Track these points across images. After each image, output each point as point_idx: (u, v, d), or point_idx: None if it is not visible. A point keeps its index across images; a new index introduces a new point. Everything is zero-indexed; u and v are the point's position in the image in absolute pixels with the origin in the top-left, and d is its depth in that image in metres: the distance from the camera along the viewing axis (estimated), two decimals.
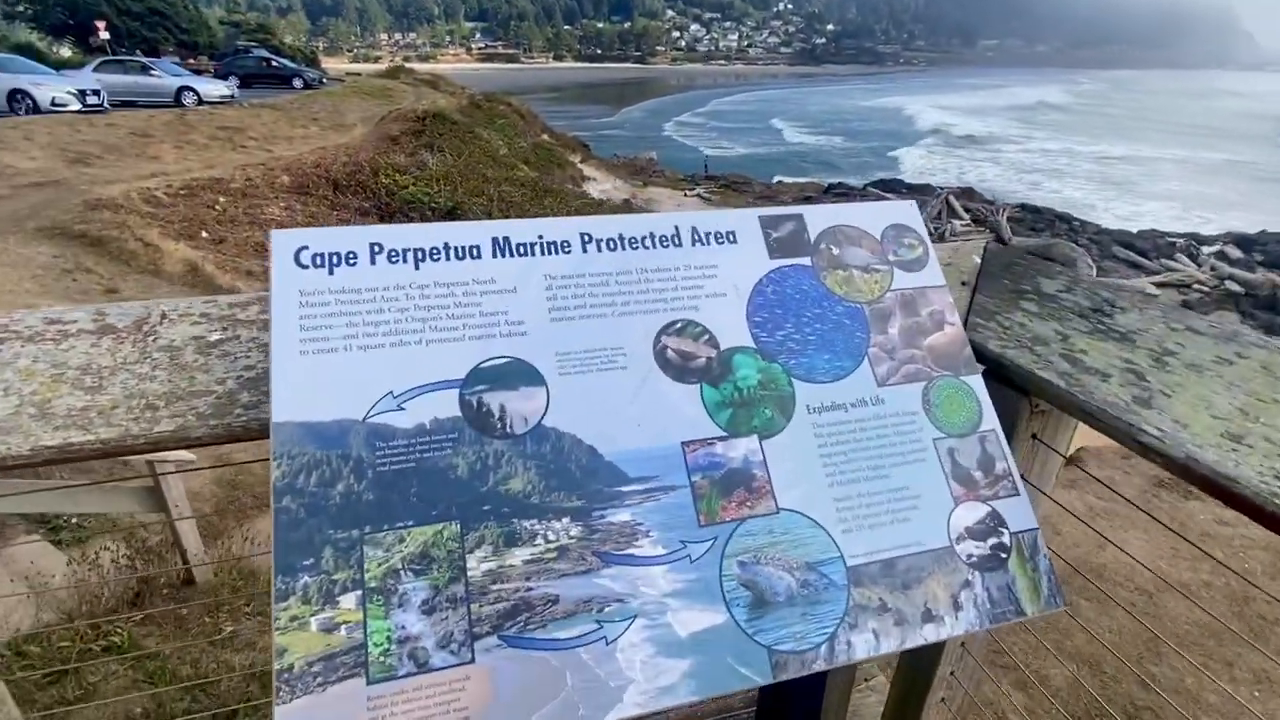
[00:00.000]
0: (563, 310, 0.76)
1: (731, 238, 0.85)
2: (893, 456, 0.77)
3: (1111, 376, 0.77)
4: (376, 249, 0.74)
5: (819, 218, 0.89)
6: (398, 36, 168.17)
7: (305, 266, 0.72)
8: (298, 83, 23.02)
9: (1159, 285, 16.22)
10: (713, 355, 0.77)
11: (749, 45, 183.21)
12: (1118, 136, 54.77)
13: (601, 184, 21.98)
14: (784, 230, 0.86)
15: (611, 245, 0.80)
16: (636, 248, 0.81)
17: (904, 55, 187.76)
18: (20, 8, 29.78)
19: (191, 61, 27.30)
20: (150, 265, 6.78)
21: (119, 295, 6.10)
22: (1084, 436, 1.49)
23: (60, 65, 21.06)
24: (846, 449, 0.77)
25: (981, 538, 0.76)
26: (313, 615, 0.59)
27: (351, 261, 0.73)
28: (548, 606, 0.64)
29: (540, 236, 0.78)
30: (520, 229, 0.79)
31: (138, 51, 25.54)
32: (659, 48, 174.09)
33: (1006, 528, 0.77)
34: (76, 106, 12.26)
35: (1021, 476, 0.81)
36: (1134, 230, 21.75)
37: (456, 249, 0.76)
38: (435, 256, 0.75)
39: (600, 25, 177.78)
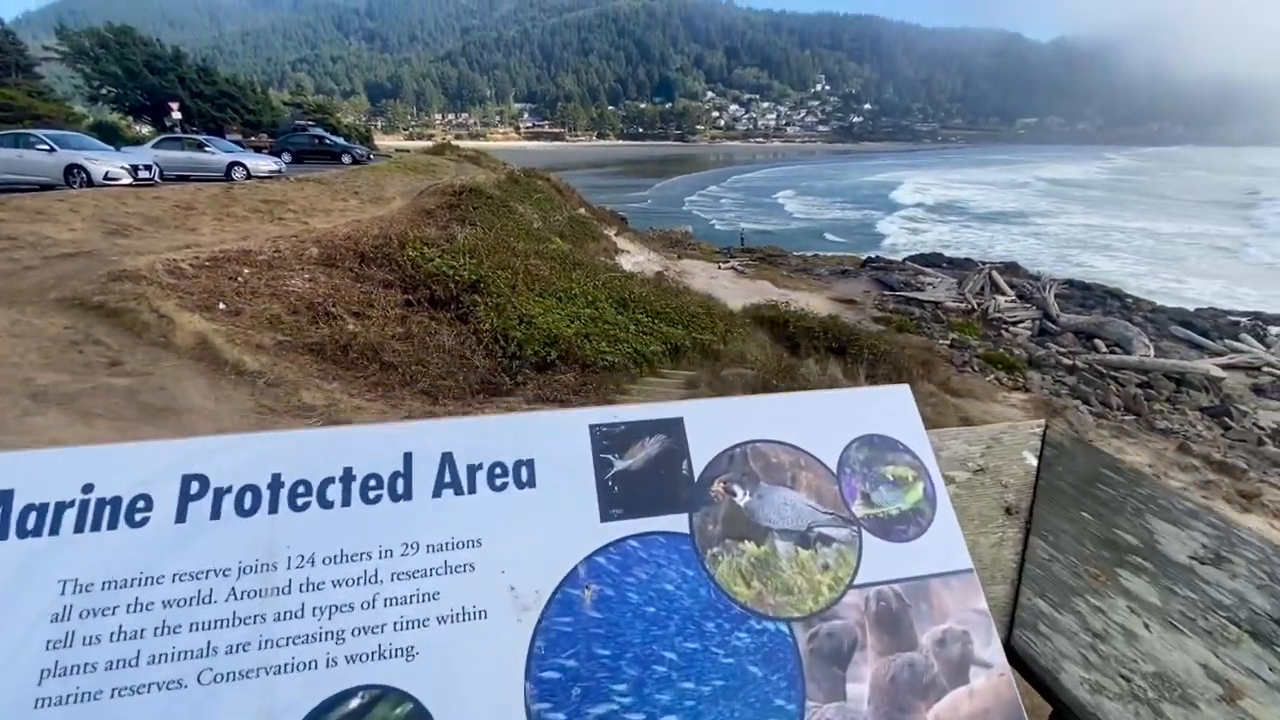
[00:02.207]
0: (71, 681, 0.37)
1: (523, 475, 0.44)
2: None
3: None
4: None
5: (717, 418, 0.47)
6: (451, 116, 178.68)
7: None
8: (346, 158, 24.09)
9: (1224, 367, 15.14)
10: None
11: (787, 124, 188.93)
12: (1152, 211, 53.70)
13: (635, 256, 22.07)
14: (637, 455, 0.44)
15: (243, 503, 0.40)
16: (302, 505, 0.40)
17: (941, 133, 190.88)
18: (104, 90, 32.38)
19: (252, 139, 29.03)
20: (161, 337, 6.73)
21: (122, 368, 6.00)
22: None
23: (137, 142, 22.54)
24: None
25: None
26: None
27: None
28: None
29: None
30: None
31: (204, 130, 27.28)
32: (699, 126, 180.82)
33: None
34: (128, 180, 12.84)
35: None
36: (1191, 309, 20.69)
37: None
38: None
39: (643, 106, 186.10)
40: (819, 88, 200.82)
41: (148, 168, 13.61)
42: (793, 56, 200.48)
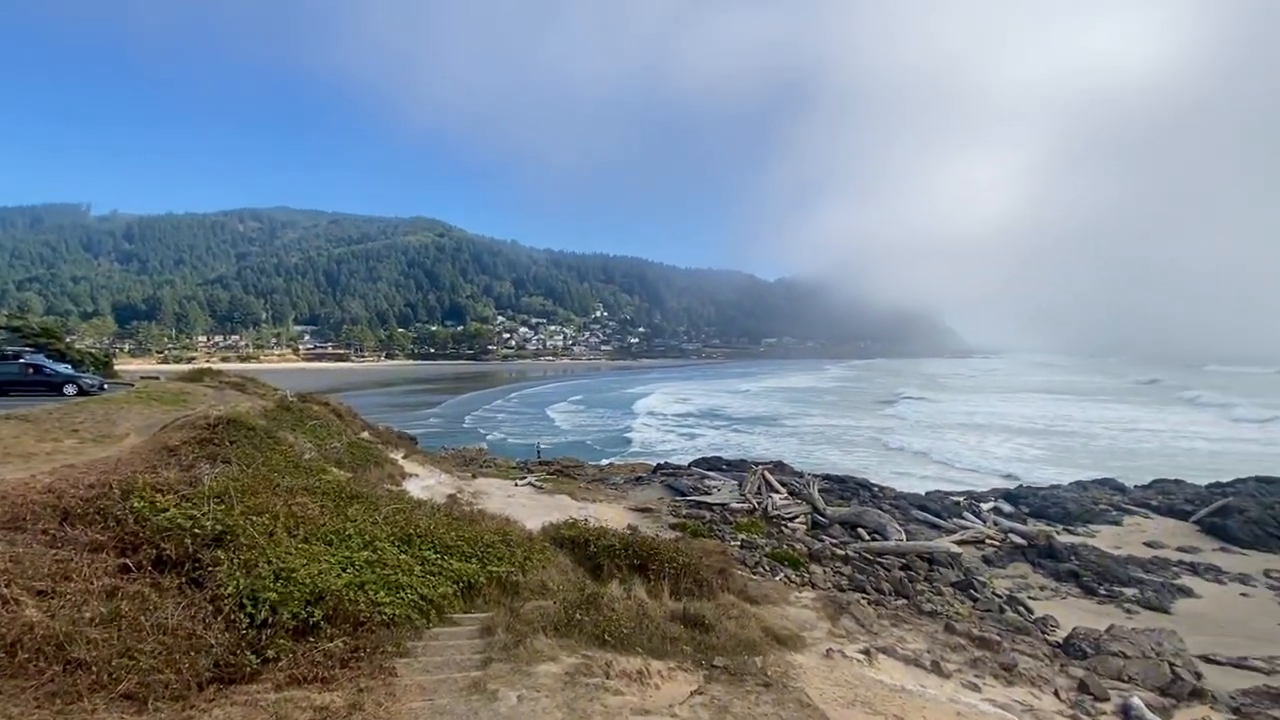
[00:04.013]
0: None
1: None
2: None
3: None
4: None
5: None
6: (219, 338, 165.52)
7: None
8: (70, 389, 20.63)
9: (959, 543, 17.55)
10: None
11: (573, 344, 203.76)
12: (841, 409, 65.72)
13: (425, 479, 20.81)
14: None
15: None
16: None
17: (704, 350, 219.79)
18: None
19: None
20: None
21: None
22: None
23: None
24: None
25: None
26: None
27: None
28: None
29: None
30: None
31: None
32: (491, 346, 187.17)
33: None
34: None
35: None
36: (923, 492, 24.29)
37: None
38: None
39: (434, 328, 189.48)
40: (599, 314, 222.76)
41: None
42: (573, 288, 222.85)
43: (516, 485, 21.57)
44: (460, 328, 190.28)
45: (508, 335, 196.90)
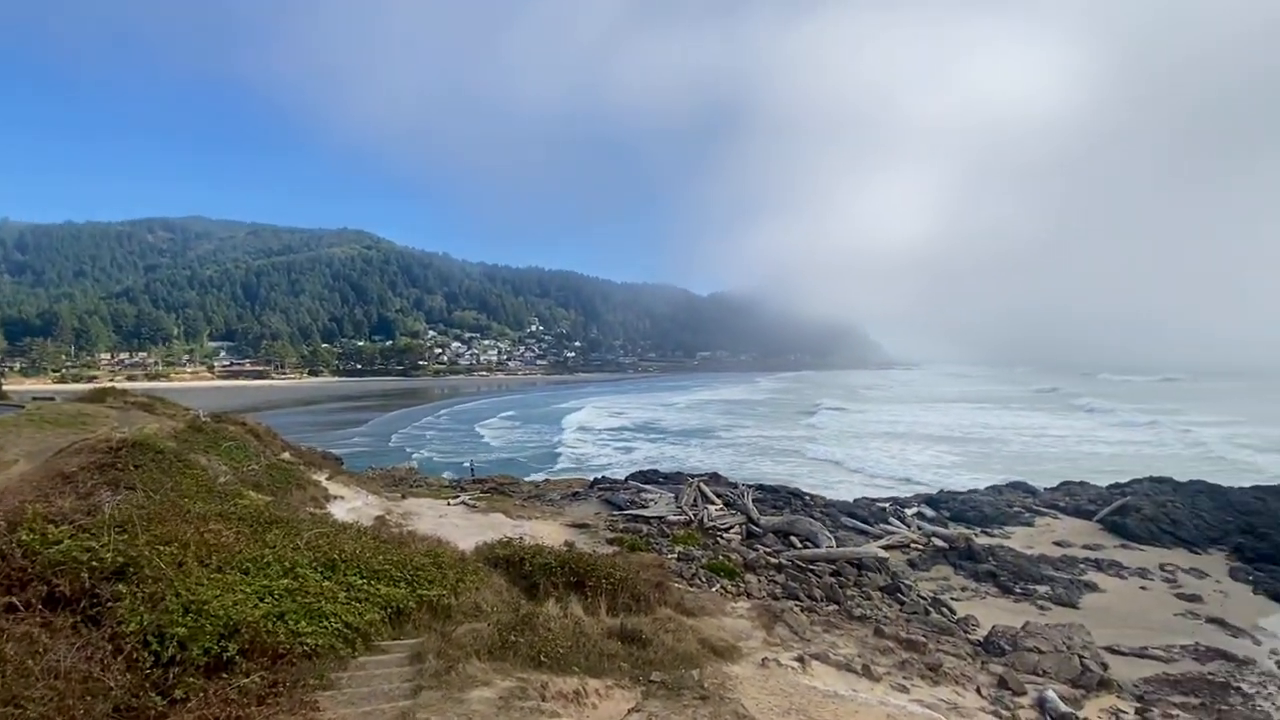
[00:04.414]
0: None
1: None
2: None
3: None
4: None
5: None
6: (124, 355, 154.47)
7: None
8: None
9: (886, 548, 18.18)
10: None
11: (508, 358, 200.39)
12: (772, 420, 67.43)
13: (351, 501, 20.00)
14: None
15: None
16: None
17: (640, 364, 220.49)
18: None
19: None
20: None
21: None
22: None
23: None
24: None
25: None
26: None
27: None
28: None
29: None
30: None
31: None
32: (422, 362, 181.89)
33: None
34: None
35: None
36: (851, 500, 25.07)
37: None
38: None
39: (361, 343, 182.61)
40: (534, 328, 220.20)
41: None
42: (508, 302, 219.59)
43: (449, 505, 21.00)
44: (389, 343, 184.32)
45: (439, 350, 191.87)
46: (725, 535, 18.47)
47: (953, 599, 14.83)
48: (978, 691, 8.83)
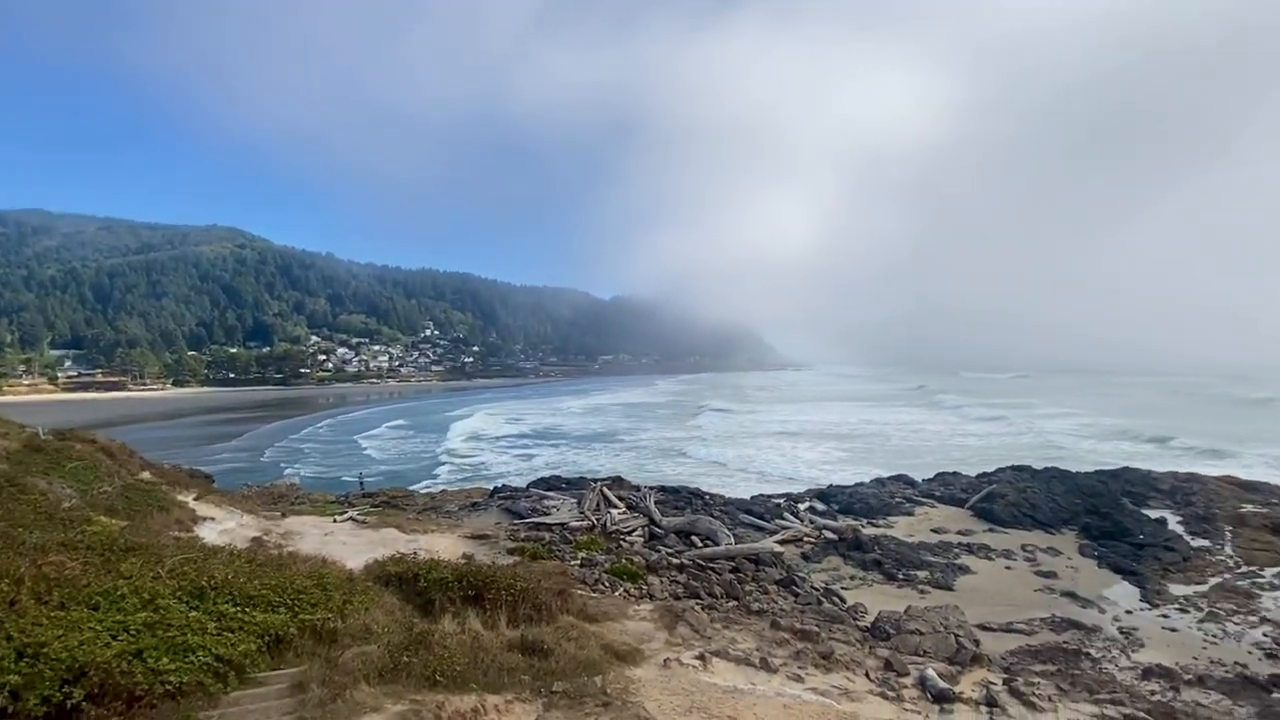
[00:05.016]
0: None
1: None
2: None
3: None
4: None
5: None
6: None
7: None
8: None
9: (781, 543, 18.91)
10: None
11: (400, 364, 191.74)
12: (669, 422, 68.99)
13: (224, 523, 18.38)
14: None
15: None
16: None
17: (541, 369, 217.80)
18: None
19: None
20: None
21: None
22: None
23: None
24: None
25: None
26: None
27: None
28: None
29: None
30: None
31: None
32: (304, 369, 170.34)
33: None
34: None
35: None
36: (749, 497, 25.92)
37: None
38: None
39: (234, 350, 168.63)
40: (429, 332, 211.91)
41: None
42: (399, 305, 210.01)
43: (335, 521, 19.79)
44: (266, 349, 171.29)
45: (324, 356, 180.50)
46: (628, 538, 18.55)
47: (843, 588, 15.65)
48: (866, 675, 9.32)
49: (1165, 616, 14.25)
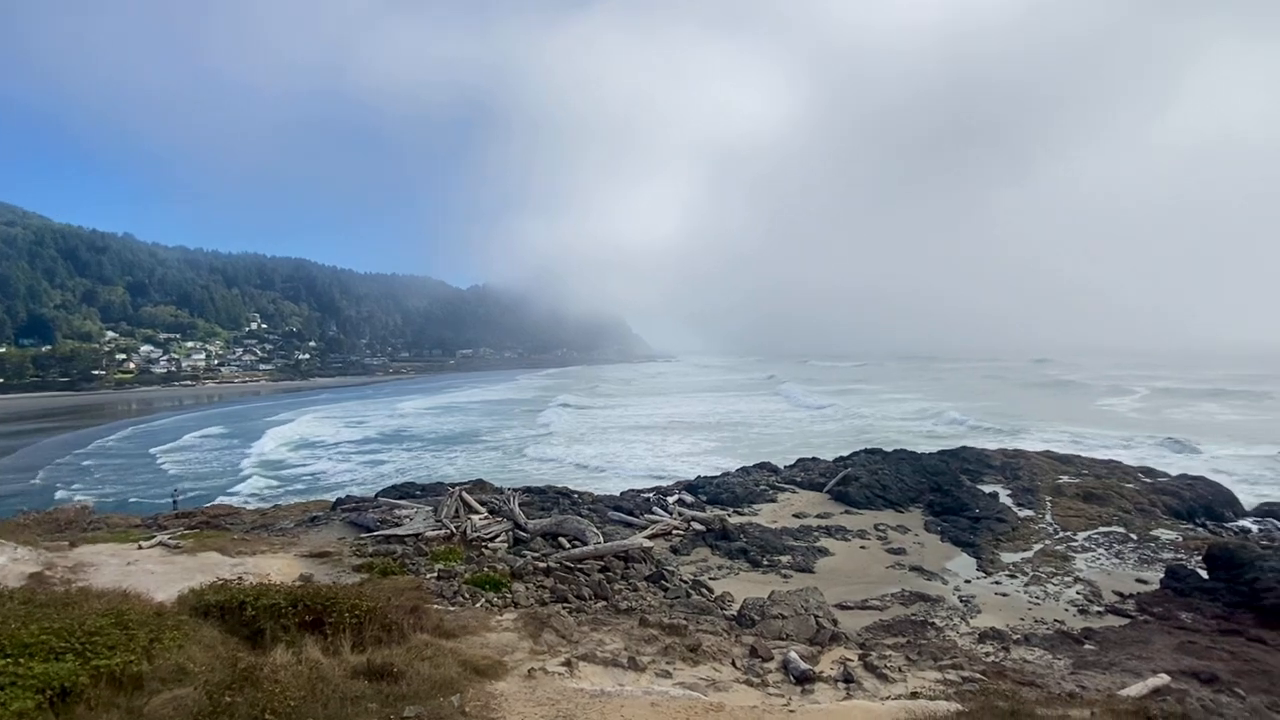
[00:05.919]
0: None
1: None
2: None
3: None
4: None
5: None
6: None
7: None
8: None
9: (650, 537, 18.91)
10: None
11: (221, 364, 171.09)
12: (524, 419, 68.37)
13: None
14: None
15: None
16: None
17: (391, 366, 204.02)
18: None
19: None
20: None
21: None
22: None
23: None
24: None
25: None
26: None
27: None
28: None
29: None
30: None
31: None
32: (97, 372, 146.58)
33: None
34: None
35: None
36: (618, 492, 25.82)
37: None
38: None
39: (2, 349, 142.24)
40: (255, 326, 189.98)
41: None
42: (218, 295, 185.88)
43: (141, 548, 16.98)
44: (47, 348, 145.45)
45: (123, 356, 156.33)
46: (491, 545, 17.64)
47: (711, 579, 15.88)
48: (733, 664, 9.42)
49: (998, 583, 15.80)
